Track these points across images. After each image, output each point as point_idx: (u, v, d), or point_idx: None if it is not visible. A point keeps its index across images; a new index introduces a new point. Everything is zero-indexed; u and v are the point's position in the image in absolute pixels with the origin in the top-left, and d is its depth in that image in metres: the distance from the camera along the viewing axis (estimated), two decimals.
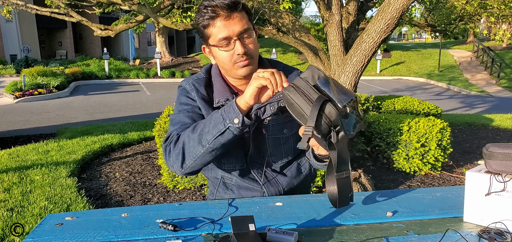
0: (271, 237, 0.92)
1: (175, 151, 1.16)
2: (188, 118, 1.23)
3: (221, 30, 1.15)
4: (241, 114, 1.06)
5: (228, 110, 1.08)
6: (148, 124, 6.80)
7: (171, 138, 1.20)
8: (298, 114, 1.01)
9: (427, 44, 29.89)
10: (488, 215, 0.98)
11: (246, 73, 1.20)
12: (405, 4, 4.14)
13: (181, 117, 1.24)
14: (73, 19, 6.19)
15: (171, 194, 3.65)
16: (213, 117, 1.12)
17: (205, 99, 1.25)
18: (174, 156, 1.16)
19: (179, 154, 1.15)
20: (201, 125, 1.14)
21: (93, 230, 1.02)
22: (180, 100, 1.28)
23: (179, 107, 1.27)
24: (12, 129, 7.39)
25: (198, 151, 1.12)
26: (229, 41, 1.16)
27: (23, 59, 18.54)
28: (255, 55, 1.22)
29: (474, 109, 11.04)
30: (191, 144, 1.13)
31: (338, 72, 4.93)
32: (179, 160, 1.15)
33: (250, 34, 1.18)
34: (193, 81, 1.29)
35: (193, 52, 34.35)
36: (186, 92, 1.28)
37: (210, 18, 1.15)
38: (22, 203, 3.32)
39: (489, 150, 0.99)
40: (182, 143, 1.15)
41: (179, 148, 1.15)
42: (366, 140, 4.47)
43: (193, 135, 1.14)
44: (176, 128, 1.22)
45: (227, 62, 1.19)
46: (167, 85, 16.32)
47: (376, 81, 18.79)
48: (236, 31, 1.15)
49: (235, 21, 1.15)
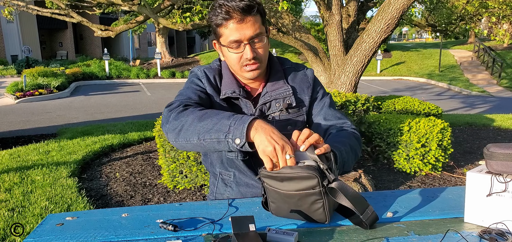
0: (271, 237, 0.91)
1: (176, 122, 1.11)
2: (195, 95, 1.22)
3: (233, 33, 1.14)
4: (245, 139, 0.98)
5: (238, 124, 1.00)
6: (149, 124, 6.81)
7: (176, 107, 1.14)
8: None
9: (428, 44, 29.87)
10: (489, 215, 0.98)
11: (253, 77, 1.21)
12: (406, 4, 4.14)
13: (188, 92, 1.23)
14: (74, 20, 6.20)
15: (171, 194, 3.65)
16: (222, 120, 1.04)
17: (214, 88, 1.26)
18: (173, 126, 1.11)
19: (177, 127, 1.10)
20: (210, 117, 1.07)
21: (93, 230, 1.02)
22: (190, 81, 1.29)
23: (187, 85, 1.27)
24: (13, 129, 7.40)
25: (193, 139, 1.07)
26: (240, 44, 1.16)
27: (24, 59, 18.56)
28: (264, 59, 1.22)
29: (475, 110, 11.03)
30: (191, 128, 1.07)
31: (338, 72, 4.93)
32: (175, 132, 1.10)
33: (261, 39, 1.17)
34: (204, 69, 1.29)
35: (193, 52, 34.39)
36: (197, 77, 1.28)
37: (223, 19, 1.14)
38: (23, 203, 3.32)
39: (490, 150, 0.98)
40: (185, 120, 1.09)
41: (181, 122, 1.10)
42: (366, 140, 4.47)
43: (198, 122, 1.07)
44: (181, 99, 1.19)
45: (235, 64, 1.20)
46: (167, 85, 16.33)
47: (376, 81, 18.78)
48: (247, 36, 1.14)
49: (248, 25, 1.14)
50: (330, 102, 1.33)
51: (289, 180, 0.97)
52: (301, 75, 1.33)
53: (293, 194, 0.99)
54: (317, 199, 0.98)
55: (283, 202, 1.02)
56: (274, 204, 1.05)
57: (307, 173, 0.95)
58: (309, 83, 1.32)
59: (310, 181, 0.96)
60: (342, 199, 0.96)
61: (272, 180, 1.00)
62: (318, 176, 0.95)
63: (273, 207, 1.06)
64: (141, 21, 6.42)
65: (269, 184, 1.02)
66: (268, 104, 1.25)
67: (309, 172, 0.95)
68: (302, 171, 0.95)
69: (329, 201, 0.99)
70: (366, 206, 0.97)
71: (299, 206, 1.00)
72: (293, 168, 0.95)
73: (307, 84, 1.32)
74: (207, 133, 1.04)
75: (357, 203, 0.96)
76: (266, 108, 1.25)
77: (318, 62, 5.24)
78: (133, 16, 17.48)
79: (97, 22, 21.37)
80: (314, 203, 0.99)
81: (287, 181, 0.98)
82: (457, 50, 24.40)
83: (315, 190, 0.96)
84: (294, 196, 0.99)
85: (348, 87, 4.79)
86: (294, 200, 1.00)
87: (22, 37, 22.21)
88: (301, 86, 1.31)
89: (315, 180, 0.95)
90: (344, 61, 4.84)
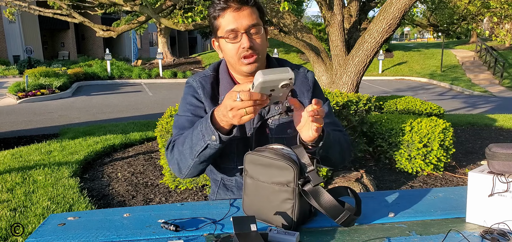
0: (273, 237, 0.92)
1: (172, 160, 1.22)
2: (188, 123, 1.23)
3: (230, 22, 1.16)
4: (217, 132, 1.05)
5: (205, 126, 1.08)
6: (150, 124, 6.81)
7: (169, 146, 1.24)
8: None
9: (430, 44, 29.81)
10: (491, 215, 0.98)
11: (251, 70, 1.19)
12: (407, 3, 4.13)
13: (182, 121, 1.26)
14: (76, 20, 6.21)
15: (173, 194, 3.65)
16: (195, 132, 1.12)
17: (212, 97, 1.26)
18: (172, 165, 1.23)
19: (175, 164, 1.21)
20: (188, 138, 1.15)
21: (95, 230, 1.02)
22: (186, 99, 1.29)
23: (183, 107, 1.28)
24: (15, 129, 7.42)
25: (189, 163, 1.17)
26: (237, 34, 1.16)
27: (26, 60, 18.60)
28: (262, 52, 1.21)
29: (477, 110, 11.00)
30: (182, 156, 1.17)
31: (340, 72, 4.92)
32: (176, 169, 1.22)
33: (258, 30, 1.18)
34: (200, 79, 1.29)
35: (195, 52, 34.38)
36: (193, 91, 1.28)
37: (221, 9, 1.16)
38: (25, 203, 3.33)
39: (492, 150, 0.98)
40: (176, 154, 1.20)
41: (175, 158, 1.21)
42: (368, 140, 4.46)
43: (182, 148, 1.17)
44: (175, 133, 1.26)
45: (233, 55, 1.19)
46: (169, 85, 16.35)
47: (378, 81, 18.75)
48: (244, 25, 1.15)
49: (245, 14, 1.15)
50: (329, 109, 1.32)
51: (269, 167, 0.99)
52: (302, 77, 1.32)
53: (267, 186, 1.00)
54: (288, 198, 0.98)
55: (256, 194, 1.02)
56: (248, 197, 1.05)
57: (285, 163, 0.96)
58: (309, 86, 1.31)
59: (286, 174, 0.96)
60: (315, 203, 0.97)
61: (252, 165, 1.02)
62: (295, 169, 0.96)
63: (246, 201, 1.06)
64: (142, 21, 6.42)
65: (249, 171, 1.03)
66: (267, 108, 1.24)
67: (287, 163, 0.96)
68: (283, 158, 0.97)
69: (300, 206, 0.98)
70: (341, 212, 0.97)
71: (271, 201, 1.00)
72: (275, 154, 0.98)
73: (307, 87, 1.31)
74: (192, 148, 1.13)
75: (330, 209, 0.96)
76: (265, 112, 1.24)
77: (320, 62, 5.24)
78: (134, 16, 17.49)
79: (99, 22, 21.39)
80: (284, 202, 0.98)
81: (267, 167, 0.99)
82: (459, 50, 24.34)
83: (289, 186, 0.97)
84: (267, 188, 1.00)
85: (350, 87, 4.79)
86: (266, 194, 1.00)
87: (24, 37, 22.26)
88: (301, 88, 1.30)
89: (292, 174, 0.96)
90: (346, 61, 4.84)
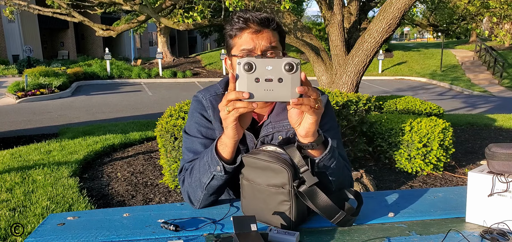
0: (273, 237, 0.91)
1: (184, 192, 1.17)
2: (201, 146, 1.18)
3: (247, 42, 1.10)
4: (221, 162, 1.03)
5: (210, 157, 1.05)
6: (150, 124, 6.81)
7: (181, 174, 1.18)
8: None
9: (429, 44, 29.82)
10: (490, 215, 0.98)
11: None
12: (407, 3, 4.14)
13: (194, 145, 1.19)
14: (75, 20, 6.21)
15: (172, 194, 3.65)
16: (202, 163, 1.08)
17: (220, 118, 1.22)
18: (184, 196, 1.17)
19: (186, 197, 1.16)
20: (196, 169, 1.11)
21: (94, 230, 1.02)
22: (194, 118, 1.21)
23: (192, 126, 1.21)
24: (15, 129, 7.41)
25: (199, 195, 1.12)
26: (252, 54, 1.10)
27: (25, 59, 18.59)
28: None
29: (476, 109, 11.01)
30: (192, 188, 1.13)
31: (340, 72, 4.92)
32: (188, 201, 1.17)
33: (276, 54, 1.10)
34: (210, 98, 1.21)
35: (195, 52, 34.39)
36: (201, 108, 1.21)
37: (240, 29, 1.11)
38: (24, 203, 3.33)
39: (491, 150, 0.98)
40: (187, 186, 1.15)
41: (186, 191, 1.15)
42: (367, 140, 4.46)
43: (191, 180, 1.13)
44: (185, 158, 1.20)
45: None
46: (168, 85, 16.35)
47: (378, 81, 18.76)
48: (262, 46, 1.09)
49: (264, 36, 1.10)
50: (338, 141, 1.21)
51: (264, 170, 0.98)
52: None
53: (264, 189, 0.99)
54: (285, 200, 0.97)
55: (253, 197, 1.02)
56: (246, 200, 1.05)
57: (279, 165, 0.95)
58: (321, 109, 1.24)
59: (281, 177, 0.96)
60: (311, 204, 0.97)
61: (248, 168, 1.02)
62: (289, 172, 0.95)
63: (244, 203, 1.06)
64: (142, 20, 6.43)
65: (245, 174, 1.03)
66: (271, 137, 1.17)
67: (281, 165, 0.95)
68: (277, 161, 0.96)
69: (298, 206, 0.98)
70: (336, 212, 0.97)
71: (268, 203, 0.99)
72: (270, 156, 0.97)
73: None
74: (201, 180, 1.09)
75: (325, 210, 0.96)
76: (268, 140, 1.17)
77: (320, 62, 5.24)
78: (134, 15, 17.48)
79: (98, 21, 21.38)
80: (281, 204, 0.98)
81: (262, 170, 0.99)
82: (459, 50, 24.36)
83: (284, 188, 0.96)
84: (264, 191, 0.99)
85: (350, 87, 4.79)
86: (263, 196, 1.00)
87: (23, 36, 22.25)
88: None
89: (286, 176, 0.95)
90: (346, 61, 4.84)
